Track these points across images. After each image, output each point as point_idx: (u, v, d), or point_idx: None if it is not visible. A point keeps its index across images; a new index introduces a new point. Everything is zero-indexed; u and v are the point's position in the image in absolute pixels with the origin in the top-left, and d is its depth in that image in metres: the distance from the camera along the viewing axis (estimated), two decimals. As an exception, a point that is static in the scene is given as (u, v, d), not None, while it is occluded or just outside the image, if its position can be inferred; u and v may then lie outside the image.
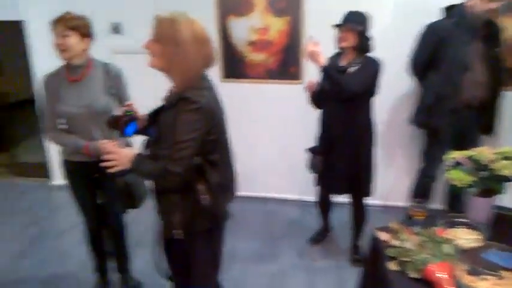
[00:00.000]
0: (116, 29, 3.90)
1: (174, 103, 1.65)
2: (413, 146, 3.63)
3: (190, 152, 1.63)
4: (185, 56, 1.63)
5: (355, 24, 2.60)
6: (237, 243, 3.30)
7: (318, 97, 2.84)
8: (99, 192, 2.56)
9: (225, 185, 1.85)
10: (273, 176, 4.07)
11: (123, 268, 2.79)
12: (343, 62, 2.73)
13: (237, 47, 3.73)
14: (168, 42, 1.62)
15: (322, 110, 2.92)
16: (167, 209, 1.80)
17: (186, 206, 1.76)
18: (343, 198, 3.06)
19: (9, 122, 4.54)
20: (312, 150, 2.94)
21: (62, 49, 2.25)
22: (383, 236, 1.88)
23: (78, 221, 2.68)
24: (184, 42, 1.61)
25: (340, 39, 2.67)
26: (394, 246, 1.75)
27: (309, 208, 3.65)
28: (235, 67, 3.78)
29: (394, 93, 3.59)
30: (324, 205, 3.25)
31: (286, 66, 3.70)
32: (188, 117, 1.62)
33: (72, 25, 2.24)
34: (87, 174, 2.44)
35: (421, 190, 3.24)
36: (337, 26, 2.66)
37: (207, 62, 1.73)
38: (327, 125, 2.87)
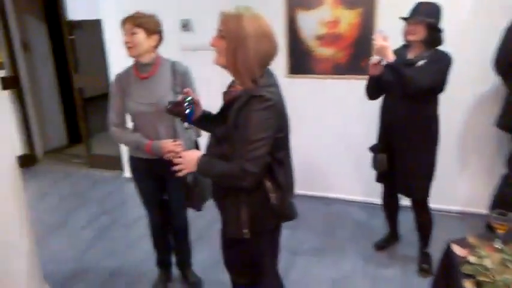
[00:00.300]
0: (186, 26, 3.95)
1: (245, 101, 1.59)
2: (497, 150, 3.29)
3: (264, 150, 1.58)
4: (249, 53, 1.57)
5: (424, 16, 2.40)
6: (298, 245, 3.21)
7: (377, 86, 2.65)
8: (164, 188, 2.59)
9: (290, 183, 1.80)
10: (338, 176, 3.91)
11: (185, 263, 2.81)
12: (410, 55, 2.54)
13: (305, 42, 3.61)
14: (232, 39, 1.58)
15: (382, 105, 2.75)
16: (234, 208, 1.74)
17: (254, 205, 1.71)
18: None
19: (85, 116, 4.79)
20: (373, 148, 2.80)
21: (129, 46, 2.28)
22: (459, 250, 1.69)
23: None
24: (248, 39, 1.55)
25: (408, 32, 2.48)
26: (472, 263, 1.56)
27: (376, 211, 3.46)
28: (302, 62, 3.66)
29: (475, 93, 3.29)
30: (390, 207, 3.06)
31: (356, 60, 3.51)
32: (261, 116, 1.56)
33: (139, 22, 2.26)
34: (151, 171, 2.47)
35: (504, 199, 2.92)
36: (405, 18, 2.48)
37: (271, 58, 1.65)
38: (387, 121, 2.71)
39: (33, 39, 5.19)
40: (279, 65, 3.70)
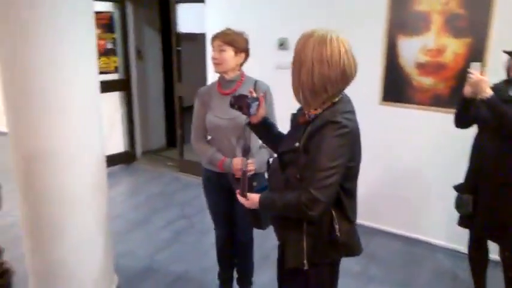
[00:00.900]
0: (283, 44, 3.98)
1: (320, 125, 1.54)
2: None
3: (335, 179, 1.50)
4: (310, 76, 1.52)
5: None
6: (368, 283, 2.99)
7: (467, 113, 2.43)
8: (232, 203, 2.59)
9: (355, 214, 1.70)
10: (423, 215, 3.59)
11: (246, 281, 2.78)
12: None
13: (403, 69, 3.40)
14: (296, 60, 1.57)
15: (473, 143, 2.52)
16: (295, 237, 1.66)
17: (317, 236, 1.63)
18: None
19: (182, 123, 5.05)
20: (458, 187, 2.57)
21: (217, 63, 2.34)
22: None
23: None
24: (309, 62, 1.51)
25: None
26: None
27: (463, 261, 3.08)
28: (398, 90, 3.45)
29: None
30: (476, 259, 2.72)
31: (459, 93, 3.19)
32: (336, 142, 1.50)
33: (229, 40, 2.31)
34: (222, 184, 2.48)
35: None
36: (510, 53, 2.28)
37: (334, 85, 1.55)
38: (477, 160, 2.48)
39: (147, 48, 5.65)
40: (373, 91, 3.54)
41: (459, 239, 3.11)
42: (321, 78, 1.51)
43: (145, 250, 3.44)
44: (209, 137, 2.53)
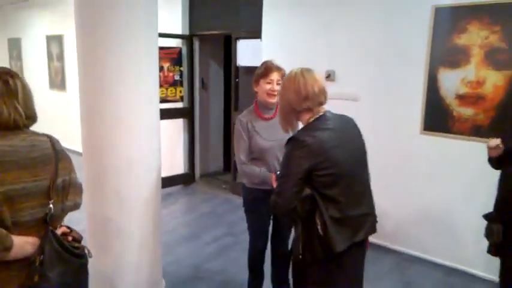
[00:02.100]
0: (330, 76, 4.22)
1: (286, 143, 1.89)
2: None
3: (290, 184, 1.81)
4: (287, 108, 1.98)
5: None
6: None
7: (501, 160, 2.45)
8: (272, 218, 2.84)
9: (345, 220, 1.85)
10: (464, 245, 3.55)
11: (287, 282, 2.95)
12: None
13: (444, 100, 3.49)
14: (281, 93, 2.02)
15: (502, 172, 2.53)
16: (296, 236, 1.96)
17: (306, 235, 1.88)
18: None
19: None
20: (488, 216, 2.56)
21: (275, 94, 2.60)
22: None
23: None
24: (288, 92, 1.95)
25: None
26: None
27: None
28: (439, 120, 3.53)
29: None
30: (506, 285, 2.64)
31: (499, 124, 3.23)
32: (292, 154, 1.83)
33: (284, 73, 2.61)
34: (267, 200, 2.72)
35: None
36: None
37: (302, 103, 1.92)
38: (507, 189, 2.46)
39: (211, 79, 6.17)
40: (415, 121, 3.64)
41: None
42: (286, 102, 1.97)
43: (191, 261, 3.75)
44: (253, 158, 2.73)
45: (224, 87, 6.33)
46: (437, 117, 3.54)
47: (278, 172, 2.08)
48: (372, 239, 3.94)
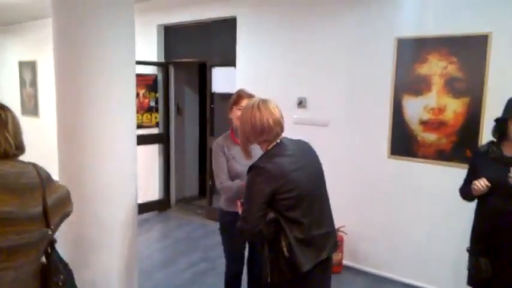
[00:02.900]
0: (301, 103, 4.38)
1: (248, 171, 1.98)
2: None
3: (254, 209, 1.89)
4: (245, 139, 2.10)
5: None
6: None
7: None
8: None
9: (309, 240, 1.95)
10: (427, 264, 3.68)
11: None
12: (507, 152, 2.42)
13: (409, 125, 3.68)
14: (240, 124, 2.14)
15: (481, 205, 2.51)
16: (263, 259, 2.02)
17: (273, 257, 1.96)
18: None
19: (211, 174, 5.46)
20: (472, 251, 2.51)
21: None
22: None
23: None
24: (246, 125, 2.06)
25: None
26: None
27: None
28: (405, 145, 3.72)
29: None
30: None
31: (459, 148, 3.43)
32: (253, 181, 1.93)
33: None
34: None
35: None
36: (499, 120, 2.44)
37: (251, 138, 2.07)
38: (490, 222, 2.43)
39: (187, 105, 6.26)
40: (382, 146, 3.82)
41: None
42: (243, 133, 2.08)
43: (167, 287, 3.75)
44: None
45: (199, 113, 6.43)
46: (404, 142, 3.72)
47: (242, 200, 2.15)
48: (345, 261, 4.07)
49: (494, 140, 2.49)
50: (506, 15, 3.22)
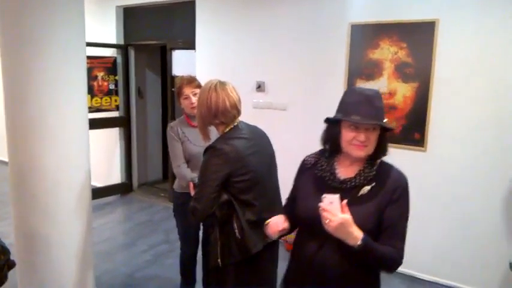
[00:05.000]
0: (260, 87, 4.42)
1: (204, 151, 2.00)
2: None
3: (208, 191, 1.91)
4: (201, 121, 2.08)
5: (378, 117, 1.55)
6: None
7: None
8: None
9: (260, 223, 1.97)
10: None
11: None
12: (342, 173, 1.64)
13: (362, 109, 3.79)
14: (197, 106, 2.12)
15: None
16: (213, 241, 2.07)
17: (224, 239, 2.01)
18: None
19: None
20: None
21: (194, 106, 2.68)
22: None
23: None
24: (202, 106, 2.04)
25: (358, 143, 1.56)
26: None
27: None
28: (358, 128, 3.83)
29: None
30: None
31: (408, 131, 3.58)
32: (209, 161, 1.94)
33: (198, 84, 2.79)
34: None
35: None
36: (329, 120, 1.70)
37: (207, 121, 2.06)
38: None
39: (148, 88, 6.20)
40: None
41: None
42: (200, 115, 2.06)
43: (126, 269, 3.79)
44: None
45: (162, 97, 6.38)
46: (357, 125, 3.83)
47: (196, 180, 2.19)
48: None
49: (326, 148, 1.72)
50: (453, 2, 3.34)
